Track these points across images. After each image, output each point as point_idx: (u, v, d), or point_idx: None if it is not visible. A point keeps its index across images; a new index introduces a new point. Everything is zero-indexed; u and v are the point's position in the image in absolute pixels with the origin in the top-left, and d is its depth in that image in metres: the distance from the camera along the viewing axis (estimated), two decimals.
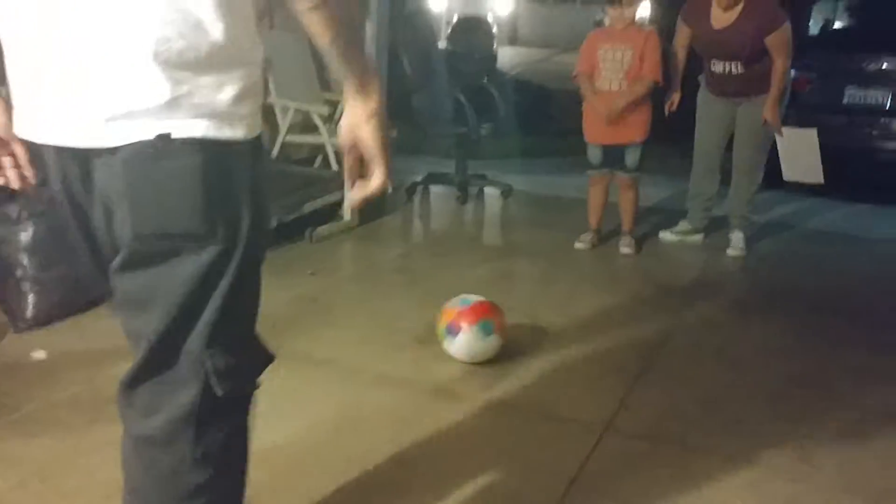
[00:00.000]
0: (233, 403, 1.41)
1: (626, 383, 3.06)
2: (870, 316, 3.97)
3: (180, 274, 1.28)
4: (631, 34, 4.42)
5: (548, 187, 6.42)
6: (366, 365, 3.11)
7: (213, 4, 1.22)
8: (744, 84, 4.54)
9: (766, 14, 4.40)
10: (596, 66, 4.47)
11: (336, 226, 4.79)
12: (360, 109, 1.43)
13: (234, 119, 1.27)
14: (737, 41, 4.43)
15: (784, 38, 4.40)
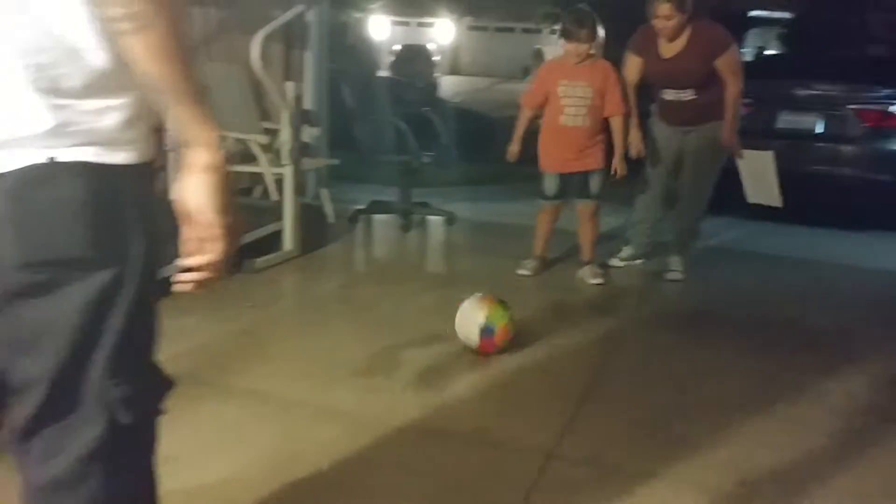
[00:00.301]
0: (139, 435, 1.35)
1: (569, 408, 3.05)
2: (808, 336, 4.04)
3: (70, 304, 1.22)
4: (588, 69, 4.46)
5: (491, 214, 6.44)
6: (305, 398, 3.04)
7: (92, 32, 1.17)
8: (695, 112, 4.57)
9: (712, 39, 4.44)
10: (555, 100, 4.50)
11: (276, 256, 4.72)
12: (194, 163, 1.24)
13: (120, 144, 1.23)
14: (686, 69, 4.46)
15: (733, 59, 4.46)
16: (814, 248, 5.90)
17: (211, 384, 3.10)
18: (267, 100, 5.63)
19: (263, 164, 5.25)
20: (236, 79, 5.54)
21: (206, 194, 1.24)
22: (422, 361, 3.44)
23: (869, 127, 6.90)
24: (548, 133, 4.61)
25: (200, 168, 1.23)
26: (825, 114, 7.00)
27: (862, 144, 6.95)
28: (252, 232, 4.62)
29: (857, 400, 3.29)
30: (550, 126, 4.58)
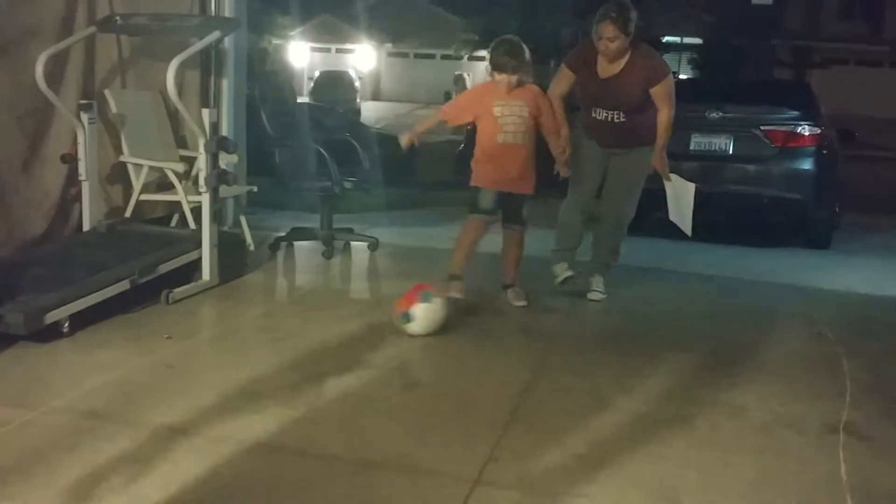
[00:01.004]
0: None
1: (494, 433, 3.04)
2: (726, 351, 4.13)
3: None
4: (521, 91, 4.57)
5: (414, 239, 6.45)
6: (226, 432, 2.96)
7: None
8: (623, 135, 4.61)
9: (651, 67, 4.51)
10: (491, 120, 4.54)
11: (195, 286, 4.62)
12: None
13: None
14: (621, 91, 4.51)
15: (668, 88, 4.52)
16: (729, 265, 6.06)
17: (126, 420, 3.00)
18: (183, 127, 5.55)
19: (180, 193, 5.15)
20: (152, 106, 5.45)
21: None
22: (345, 390, 3.40)
23: (778, 147, 7.16)
24: (486, 153, 4.63)
25: None
26: (736, 135, 7.23)
27: (772, 164, 7.20)
28: (169, 262, 4.53)
29: (776, 414, 3.37)
30: (488, 146, 4.60)
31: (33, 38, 4.67)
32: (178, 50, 4.57)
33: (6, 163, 4.57)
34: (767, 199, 7.34)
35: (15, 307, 3.62)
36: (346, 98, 27.20)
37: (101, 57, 5.21)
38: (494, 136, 4.57)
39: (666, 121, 4.56)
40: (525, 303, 4.70)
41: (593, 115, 4.67)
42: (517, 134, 4.55)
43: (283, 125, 5.71)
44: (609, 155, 4.73)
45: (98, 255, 4.43)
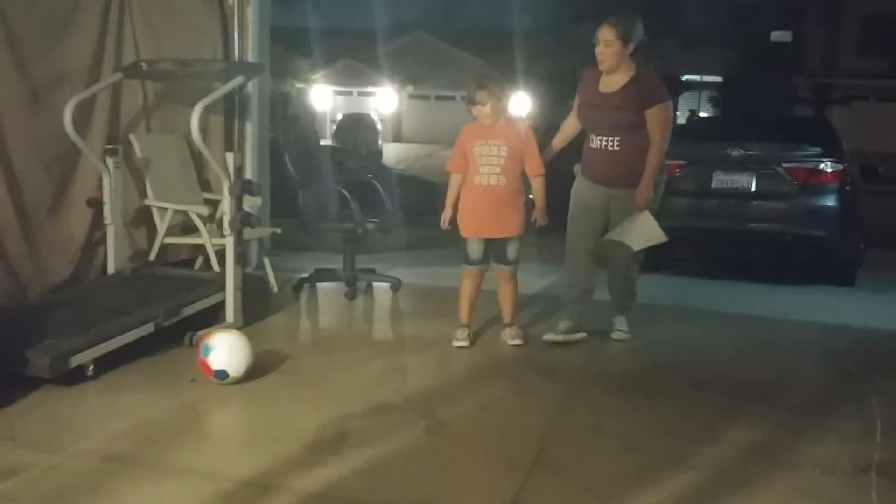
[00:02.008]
0: None
1: (518, 477, 3.01)
2: (753, 391, 4.07)
3: None
4: (503, 129, 4.49)
5: (436, 279, 6.44)
6: (248, 476, 2.95)
7: None
8: (619, 168, 4.44)
9: (649, 89, 4.40)
10: (472, 162, 4.51)
11: (218, 328, 4.63)
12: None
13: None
14: (617, 108, 4.39)
15: (664, 115, 4.36)
16: (752, 303, 6.00)
17: (149, 464, 3.00)
18: (208, 170, 5.62)
19: (205, 236, 5.20)
20: (176, 150, 5.53)
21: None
22: (368, 432, 3.39)
23: (800, 184, 7.12)
24: (465, 195, 4.59)
25: None
26: (758, 173, 7.21)
27: (794, 201, 7.16)
28: (193, 304, 4.55)
29: (804, 454, 3.32)
30: (466, 190, 4.58)
31: (62, 85, 4.77)
32: (203, 94, 4.64)
33: (33, 207, 4.64)
34: (790, 236, 7.29)
35: (41, 351, 3.64)
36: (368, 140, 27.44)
37: (127, 102, 5.31)
38: (472, 178, 4.53)
39: (655, 154, 4.35)
40: (520, 342, 4.65)
41: (590, 145, 4.55)
42: (491, 175, 4.47)
43: (307, 167, 5.76)
44: (609, 198, 4.55)
45: (123, 299, 4.47)
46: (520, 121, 4.62)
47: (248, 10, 5.88)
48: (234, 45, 5.80)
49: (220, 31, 5.79)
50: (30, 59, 4.57)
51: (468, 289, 4.68)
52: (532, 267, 5.74)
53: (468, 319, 4.69)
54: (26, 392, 3.59)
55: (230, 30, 5.80)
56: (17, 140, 4.51)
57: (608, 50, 4.38)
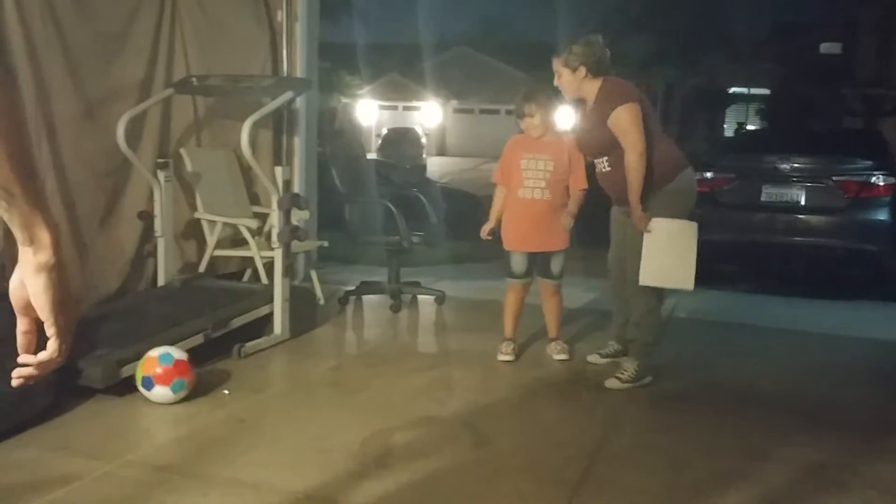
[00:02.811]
0: None
1: (565, 494, 2.99)
2: (802, 409, 4.00)
3: None
4: (551, 144, 4.47)
5: (481, 292, 6.44)
6: (293, 487, 2.97)
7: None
8: (616, 186, 4.13)
9: (607, 98, 4.06)
10: (517, 175, 4.50)
11: (266, 340, 4.68)
12: (28, 262, 1.22)
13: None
14: (588, 131, 4.22)
15: (623, 121, 3.95)
16: (802, 318, 5.90)
17: (196, 475, 3.03)
18: (256, 184, 5.69)
19: (253, 248, 5.26)
20: (226, 164, 5.61)
21: (42, 293, 1.23)
22: (414, 446, 3.39)
23: (851, 198, 7.00)
24: (509, 208, 4.58)
25: (37, 267, 1.22)
26: (808, 186, 7.11)
27: (845, 215, 7.05)
28: (242, 316, 4.61)
29: (857, 473, 3.24)
30: (510, 203, 4.56)
31: (114, 101, 4.88)
32: (252, 110, 4.72)
33: (85, 220, 4.74)
34: (841, 250, 7.18)
35: (92, 361, 3.71)
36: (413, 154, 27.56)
37: (178, 117, 5.41)
38: (516, 191, 4.51)
39: (630, 162, 3.93)
40: (565, 356, 4.63)
41: (595, 171, 4.34)
42: (536, 189, 4.45)
43: (353, 181, 5.81)
44: (625, 214, 4.20)
45: (173, 310, 4.54)
46: (566, 135, 4.59)
47: (297, 26, 5.96)
48: (282, 61, 5.88)
49: (269, 48, 5.87)
50: (85, 75, 4.69)
51: (512, 302, 4.68)
52: (578, 281, 5.72)
53: (513, 333, 4.68)
54: (79, 402, 3.65)
55: (279, 46, 5.88)
56: (71, 154, 4.62)
57: (560, 81, 4.20)
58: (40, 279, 1.23)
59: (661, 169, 4.05)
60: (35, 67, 4.37)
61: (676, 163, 4.16)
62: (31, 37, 4.33)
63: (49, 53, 4.45)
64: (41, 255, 1.22)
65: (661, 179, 4.05)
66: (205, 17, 5.50)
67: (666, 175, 4.07)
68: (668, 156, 4.12)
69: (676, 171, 4.12)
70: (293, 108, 5.63)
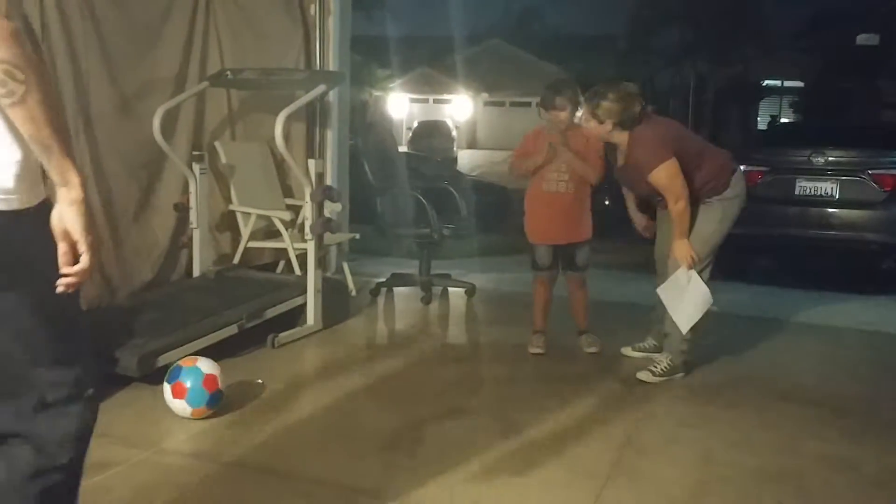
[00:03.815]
0: None
1: (596, 485, 3.00)
2: (836, 404, 3.97)
3: None
4: (573, 135, 4.44)
5: (510, 284, 6.45)
6: (326, 476, 3.01)
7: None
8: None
9: (642, 157, 4.05)
10: (540, 169, 4.48)
11: (300, 330, 4.73)
12: (64, 198, 1.64)
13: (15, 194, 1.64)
14: (632, 180, 4.26)
15: (663, 180, 4.00)
16: (836, 314, 5.84)
17: (230, 463, 3.09)
18: (289, 177, 5.74)
19: (287, 240, 5.31)
20: (260, 157, 5.67)
21: (74, 220, 1.63)
22: (445, 436, 3.42)
23: (888, 192, 6.92)
24: (533, 201, 4.59)
25: (70, 202, 1.63)
26: (843, 180, 7.03)
27: (881, 209, 6.96)
28: (275, 307, 4.66)
29: (890, 470, 3.22)
30: (535, 194, 4.57)
31: (150, 94, 4.94)
32: (286, 103, 4.76)
33: (121, 211, 4.81)
34: (877, 245, 7.09)
35: (129, 350, 3.78)
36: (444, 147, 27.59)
37: (212, 110, 5.47)
38: (540, 184, 4.52)
39: (675, 213, 4.02)
40: (596, 349, 4.64)
41: None
42: (560, 182, 4.45)
43: (385, 174, 5.84)
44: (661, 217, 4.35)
45: (207, 301, 4.60)
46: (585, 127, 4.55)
47: (330, 20, 6.00)
48: (315, 54, 5.92)
49: (302, 41, 5.91)
50: (121, 69, 4.75)
51: (540, 295, 4.69)
52: (612, 273, 5.71)
53: (542, 325, 4.69)
54: (117, 389, 3.72)
55: (312, 40, 5.92)
56: (108, 147, 4.69)
57: (587, 125, 4.18)
58: (73, 210, 1.63)
59: (717, 181, 4.12)
60: (73, 61, 4.44)
61: (729, 169, 4.19)
62: (69, 30, 4.40)
63: (87, 47, 4.52)
64: (73, 192, 1.63)
65: (718, 189, 4.12)
66: (239, 11, 5.55)
67: (723, 184, 4.13)
68: (719, 166, 4.15)
69: (730, 177, 4.17)
70: (326, 102, 5.67)
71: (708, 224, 4.14)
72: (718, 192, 4.12)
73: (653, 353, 4.50)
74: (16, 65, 1.51)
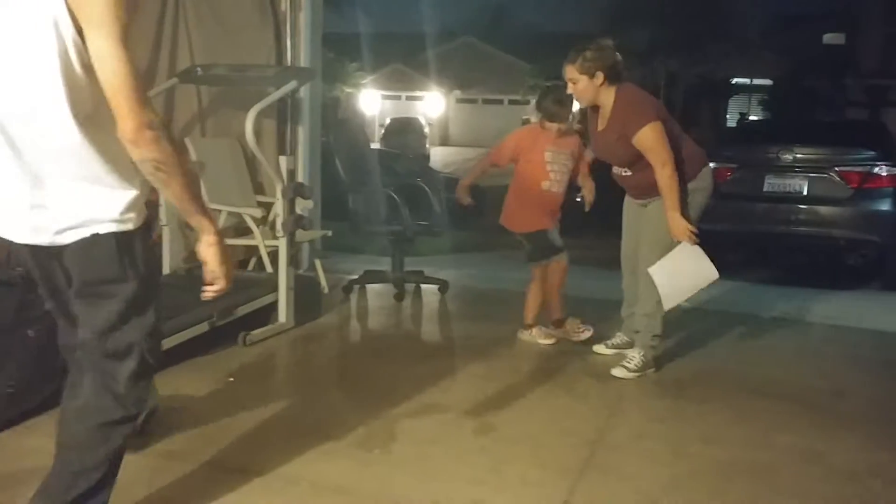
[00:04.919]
0: None
1: (568, 482, 3.01)
2: (803, 397, 4.02)
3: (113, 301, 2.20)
4: (569, 140, 4.67)
5: (483, 281, 6.47)
6: (299, 473, 3.00)
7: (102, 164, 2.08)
8: (640, 188, 4.19)
9: (628, 116, 4.01)
10: (541, 167, 4.59)
11: (271, 328, 4.71)
12: (203, 242, 2.20)
13: (127, 220, 2.14)
14: (608, 145, 4.17)
15: (649, 140, 3.94)
16: (805, 309, 5.92)
17: (201, 461, 3.06)
18: (261, 173, 5.70)
19: (258, 237, 5.28)
20: (230, 153, 5.62)
21: (212, 257, 2.22)
22: (418, 433, 3.41)
23: (854, 188, 7.01)
24: (528, 197, 4.66)
25: (207, 244, 2.21)
26: (811, 176, 7.11)
27: (848, 205, 7.05)
28: (247, 305, 4.63)
29: (858, 463, 3.27)
30: (532, 190, 4.63)
31: None
32: (256, 99, 4.72)
33: None
34: (844, 241, 7.19)
35: None
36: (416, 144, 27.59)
37: (182, 107, 5.41)
38: (539, 182, 4.61)
39: (662, 179, 3.94)
40: (591, 332, 4.76)
41: (612, 170, 4.33)
42: (557, 182, 4.63)
43: (356, 171, 5.82)
44: (641, 206, 4.28)
45: (178, 298, 4.54)
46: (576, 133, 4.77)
47: (301, 16, 5.95)
48: (286, 50, 5.88)
49: (273, 37, 5.86)
50: None
51: (539, 285, 4.77)
52: (583, 270, 5.72)
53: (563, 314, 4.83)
54: None
55: (283, 35, 5.88)
56: None
57: (577, 88, 4.11)
58: (210, 250, 2.21)
59: (689, 167, 4.11)
60: None
61: (700, 161, 4.22)
62: None
63: None
64: (209, 237, 2.19)
65: (688, 175, 4.11)
66: (209, 7, 5.50)
67: (693, 171, 4.14)
68: (692, 155, 4.17)
69: (700, 169, 4.19)
70: (297, 98, 5.63)
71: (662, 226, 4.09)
72: (687, 179, 4.10)
73: (625, 350, 4.52)
74: (161, 161, 2.00)
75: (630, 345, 4.50)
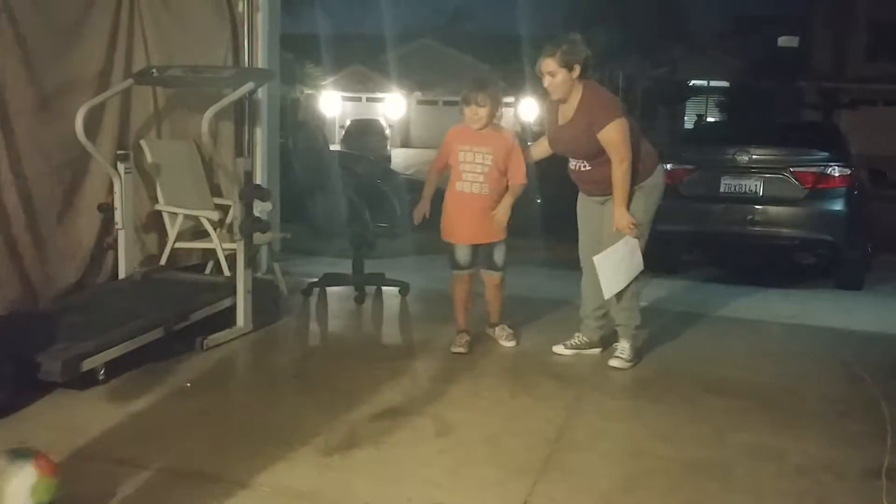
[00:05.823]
0: None
1: (528, 481, 3.02)
2: (760, 395, 4.07)
3: None
4: (490, 136, 4.44)
5: (444, 283, 6.40)
6: (260, 479, 2.97)
7: None
8: (598, 183, 4.27)
9: (596, 111, 4.12)
10: (455, 167, 4.50)
11: (229, 333, 4.65)
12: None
13: None
14: (572, 138, 4.23)
15: (614, 136, 4.08)
16: (761, 308, 6.00)
17: (159, 468, 3.02)
18: (218, 175, 5.65)
19: (215, 240, 5.22)
20: (187, 155, 5.56)
21: None
22: (378, 436, 3.40)
23: (808, 188, 7.12)
24: (448, 200, 4.58)
25: None
26: (766, 177, 7.22)
27: (802, 206, 7.17)
28: (204, 309, 4.58)
29: (814, 458, 3.32)
30: (448, 194, 4.57)
31: (72, 92, 4.80)
32: (213, 101, 4.67)
33: (43, 213, 4.66)
34: (799, 240, 7.31)
35: (52, 355, 3.67)
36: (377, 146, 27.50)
37: (138, 108, 5.34)
38: (454, 184, 4.51)
39: (617, 175, 4.10)
40: (514, 342, 4.71)
41: (569, 165, 4.39)
42: (474, 184, 4.44)
43: (316, 173, 5.78)
44: (600, 204, 4.35)
45: (133, 303, 4.50)
46: (506, 128, 4.57)
47: (258, 16, 5.91)
48: (243, 51, 5.83)
49: (230, 38, 5.81)
50: (40, 65, 4.60)
51: (460, 294, 4.69)
52: (542, 271, 5.76)
53: (465, 324, 4.69)
54: (38, 396, 3.61)
55: (240, 36, 5.83)
56: (27, 146, 4.54)
57: (554, 81, 4.16)
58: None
59: (644, 166, 4.25)
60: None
61: (654, 160, 4.36)
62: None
63: (2, 43, 4.37)
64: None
65: (643, 174, 4.24)
66: (165, 7, 5.43)
67: (645, 172, 4.27)
68: (648, 152, 4.32)
69: (654, 168, 4.33)
70: (255, 99, 5.59)
71: (635, 213, 4.22)
72: (642, 178, 4.23)
73: (584, 350, 4.55)
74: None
75: (590, 345, 4.56)
